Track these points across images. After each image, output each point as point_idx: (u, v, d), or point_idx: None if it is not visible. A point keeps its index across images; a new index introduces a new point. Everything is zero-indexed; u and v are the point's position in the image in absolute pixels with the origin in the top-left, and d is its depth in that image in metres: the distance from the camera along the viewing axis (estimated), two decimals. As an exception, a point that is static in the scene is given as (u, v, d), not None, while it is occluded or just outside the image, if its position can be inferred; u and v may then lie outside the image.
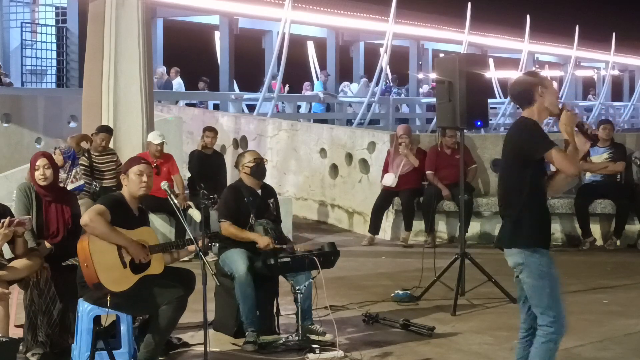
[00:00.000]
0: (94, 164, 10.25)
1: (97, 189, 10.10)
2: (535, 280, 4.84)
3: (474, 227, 11.62)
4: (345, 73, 27.19)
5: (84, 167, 10.05)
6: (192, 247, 6.14)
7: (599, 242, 11.21)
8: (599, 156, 11.34)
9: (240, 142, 14.82)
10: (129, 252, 5.83)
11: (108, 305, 5.68)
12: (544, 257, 4.83)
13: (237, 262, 6.81)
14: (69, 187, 9.10)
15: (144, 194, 6.08)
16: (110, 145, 10.53)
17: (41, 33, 19.93)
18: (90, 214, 5.76)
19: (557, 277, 4.89)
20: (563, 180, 5.00)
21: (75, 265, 6.19)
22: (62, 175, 9.01)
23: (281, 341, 6.65)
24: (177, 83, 20.81)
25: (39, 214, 6.54)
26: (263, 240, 6.88)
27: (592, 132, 4.94)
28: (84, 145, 10.37)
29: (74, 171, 9.58)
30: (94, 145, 10.32)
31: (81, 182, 9.69)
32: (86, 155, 10.24)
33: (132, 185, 6.00)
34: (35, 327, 6.29)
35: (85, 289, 5.82)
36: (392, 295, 8.22)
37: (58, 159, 8.90)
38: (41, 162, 6.60)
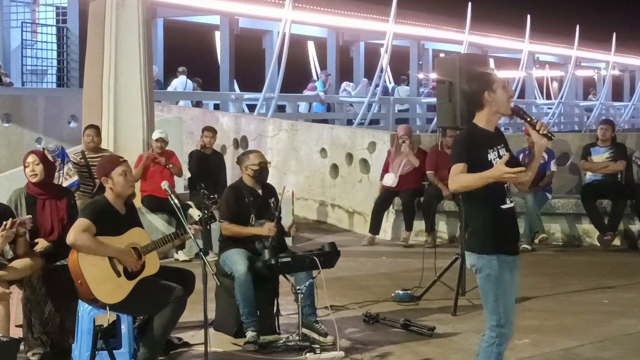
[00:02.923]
0: (90, 164, 10.22)
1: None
2: (483, 282, 4.87)
3: (475, 227, 11.59)
4: (345, 73, 27.19)
5: (78, 167, 10.04)
6: (187, 235, 6.11)
7: (597, 242, 11.20)
8: (600, 155, 11.36)
9: (241, 142, 14.83)
10: (120, 263, 5.83)
11: (108, 310, 5.69)
12: (494, 261, 4.82)
13: (237, 262, 6.82)
14: (64, 184, 9.11)
15: (132, 192, 6.10)
16: (111, 146, 10.51)
17: (41, 33, 19.92)
18: (74, 233, 5.71)
19: (508, 283, 4.85)
20: (532, 173, 5.02)
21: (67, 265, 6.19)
22: (55, 174, 8.99)
23: (281, 341, 6.65)
24: (180, 83, 20.73)
25: (33, 214, 6.51)
26: (264, 230, 6.89)
27: (543, 131, 4.87)
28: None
29: (65, 168, 9.58)
30: (85, 144, 10.30)
31: (75, 178, 9.70)
32: (81, 155, 10.24)
33: (119, 187, 5.96)
34: (32, 325, 6.30)
35: (84, 294, 5.84)
36: (393, 295, 8.22)
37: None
38: (30, 158, 6.61)
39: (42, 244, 6.46)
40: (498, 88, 4.86)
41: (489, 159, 4.82)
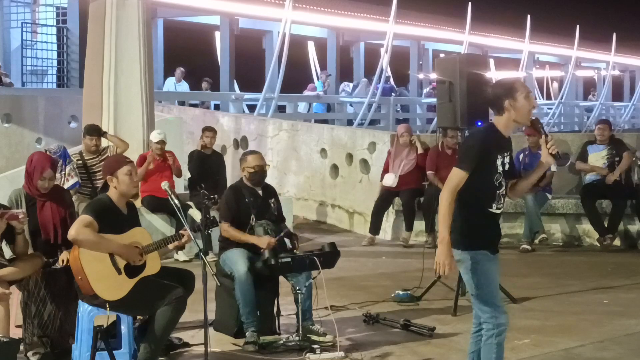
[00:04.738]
0: (88, 165, 10.22)
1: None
2: (472, 277, 4.96)
3: (475, 227, 11.58)
4: (345, 73, 27.18)
5: (78, 169, 10.04)
6: (185, 239, 6.11)
7: (597, 243, 11.19)
8: (598, 153, 11.35)
9: (241, 142, 14.82)
10: (122, 257, 5.83)
11: (107, 309, 5.69)
12: (479, 255, 4.93)
13: (237, 262, 6.81)
14: (65, 185, 9.11)
15: (136, 192, 6.10)
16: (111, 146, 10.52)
17: (42, 33, 19.91)
18: (77, 228, 5.73)
19: (492, 273, 4.98)
20: (526, 186, 5.18)
21: (65, 267, 6.18)
22: (57, 175, 9.00)
23: (282, 341, 6.65)
24: (183, 89, 20.65)
25: (33, 216, 6.51)
26: (263, 241, 6.87)
27: (552, 151, 4.96)
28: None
29: (67, 169, 9.58)
30: (86, 147, 10.29)
31: (76, 179, 9.70)
32: (80, 157, 10.24)
33: (124, 186, 5.97)
34: (32, 327, 6.30)
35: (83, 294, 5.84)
36: (393, 295, 8.23)
37: None
38: (48, 174, 6.57)
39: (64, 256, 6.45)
40: (520, 97, 4.92)
41: (497, 164, 4.92)
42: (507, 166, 4.98)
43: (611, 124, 12.33)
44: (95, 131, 10.28)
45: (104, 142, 10.49)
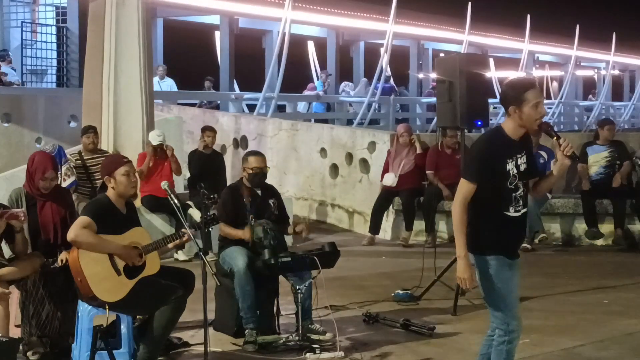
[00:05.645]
0: (87, 165, 10.23)
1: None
2: (485, 281, 4.89)
3: (475, 227, 11.58)
4: (345, 73, 27.17)
5: (76, 169, 10.05)
6: (184, 238, 6.11)
7: (600, 243, 11.18)
8: (598, 154, 11.35)
9: (241, 142, 14.82)
10: (121, 258, 5.82)
11: (107, 309, 5.69)
12: (493, 260, 4.85)
13: (236, 258, 6.82)
14: (62, 185, 9.12)
15: (135, 193, 6.10)
16: (111, 146, 10.51)
17: (41, 33, 19.90)
18: (75, 230, 5.73)
19: (509, 281, 4.88)
20: (547, 187, 5.16)
21: (64, 267, 6.18)
22: None
23: (281, 341, 6.65)
24: (167, 85, 20.44)
25: (33, 216, 6.51)
26: (245, 234, 6.88)
27: (567, 153, 4.87)
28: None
29: (64, 168, 9.58)
30: (84, 146, 10.30)
31: (73, 178, 9.70)
32: (79, 156, 10.24)
33: (122, 186, 5.97)
34: (30, 327, 6.30)
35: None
36: (393, 295, 8.23)
37: None
38: (50, 174, 6.57)
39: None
40: (527, 106, 4.80)
41: (507, 169, 4.81)
42: (522, 167, 4.86)
43: (614, 125, 12.34)
44: (91, 128, 10.31)
45: (104, 144, 10.50)
